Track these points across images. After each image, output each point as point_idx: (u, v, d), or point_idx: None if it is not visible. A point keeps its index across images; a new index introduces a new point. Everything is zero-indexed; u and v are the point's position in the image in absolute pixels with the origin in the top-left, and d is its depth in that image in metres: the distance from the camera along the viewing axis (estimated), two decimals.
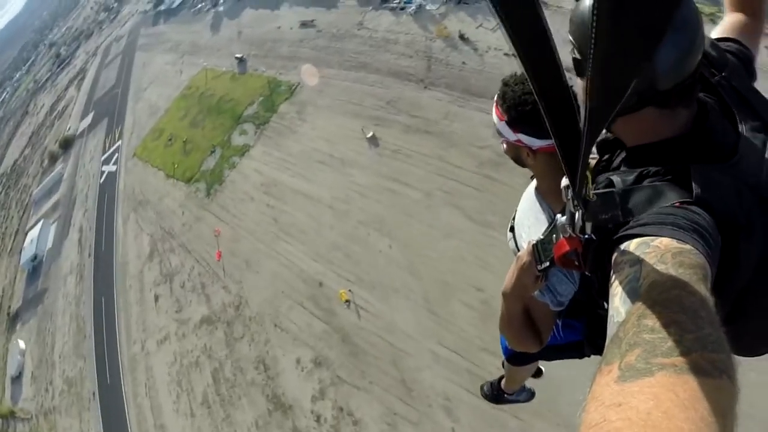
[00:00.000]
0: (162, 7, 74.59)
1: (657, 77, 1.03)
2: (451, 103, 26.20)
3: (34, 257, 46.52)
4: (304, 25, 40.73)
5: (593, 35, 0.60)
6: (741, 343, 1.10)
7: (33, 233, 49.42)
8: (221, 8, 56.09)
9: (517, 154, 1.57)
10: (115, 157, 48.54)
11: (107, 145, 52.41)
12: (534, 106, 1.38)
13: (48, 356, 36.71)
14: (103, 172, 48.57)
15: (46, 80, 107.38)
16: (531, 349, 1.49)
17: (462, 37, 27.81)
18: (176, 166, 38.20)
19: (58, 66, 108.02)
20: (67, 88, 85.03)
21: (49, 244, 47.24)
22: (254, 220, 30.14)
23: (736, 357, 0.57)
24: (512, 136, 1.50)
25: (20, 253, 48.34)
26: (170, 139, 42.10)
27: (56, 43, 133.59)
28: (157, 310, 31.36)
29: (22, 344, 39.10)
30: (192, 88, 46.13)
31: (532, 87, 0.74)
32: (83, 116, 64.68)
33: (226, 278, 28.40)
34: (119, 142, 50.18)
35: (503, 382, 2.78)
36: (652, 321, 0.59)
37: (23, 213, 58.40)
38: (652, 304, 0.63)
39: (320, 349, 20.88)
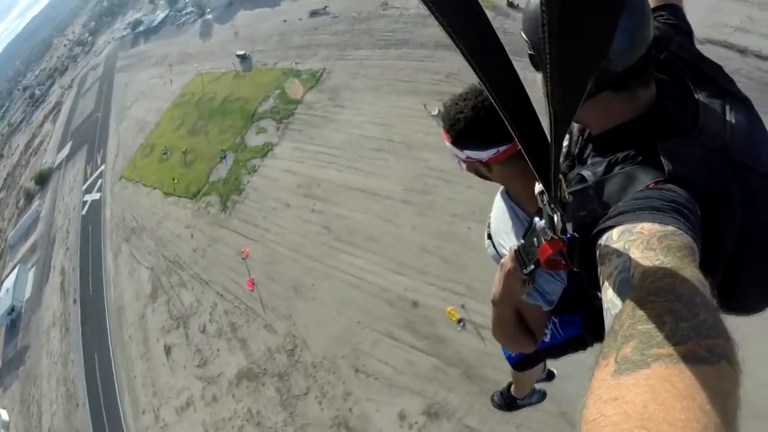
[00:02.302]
0: (141, 28, 72.80)
1: (609, 62, 1.01)
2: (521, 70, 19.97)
3: (11, 309, 40.12)
4: (314, 14, 37.81)
5: (545, 37, 0.57)
6: (739, 304, 1.10)
7: (8, 282, 42.95)
8: (209, 16, 53.56)
9: (474, 169, 1.52)
10: (98, 184, 42.00)
11: (88, 172, 45.91)
12: (467, 122, 1.39)
13: (35, 431, 29.22)
14: (85, 203, 41.79)
15: (21, 121, 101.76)
16: (527, 350, 1.54)
17: (511, 4, 25.17)
18: (176, 181, 31.49)
19: (33, 105, 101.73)
20: (42, 125, 79.40)
21: (28, 293, 40.73)
22: (296, 231, 23.20)
23: (736, 340, 0.55)
24: (462, 155, 1.48)
25: None
26: (165, 153, 35.63)
27: (30, 86, 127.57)
28: (171, 365, 23.73)
29: (4, 415, 32.61)
30: (186, 96, 40.63)
31: (488, 93, 0.73)
32: (60, 148, 58.87)
33: (267, 314, 21.32)
34: (102, 167, 43.76)
35: (512, 388, 2.72)
36: (646, 311, 0.58)
37: None
38: (645, 295, 0.62)
39: (433, 394, 15.02)
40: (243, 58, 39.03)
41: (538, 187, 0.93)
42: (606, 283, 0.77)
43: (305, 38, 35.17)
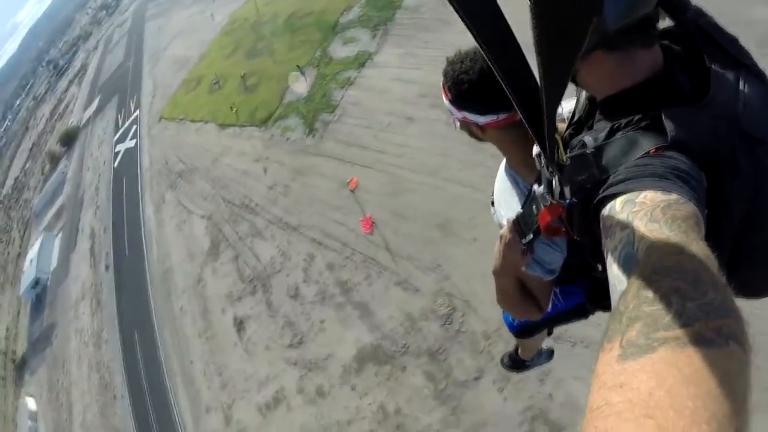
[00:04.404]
0: None
1: (603, 20, 0.92)
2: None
3: (35, 282, 34.54)
4: None
5: None
6: (747, 285, 1.08)
7: (32, 252, 37.15)
8: None
9: (468, 129, 1.50)
10: (133, 130, 35.34)
11: (120, 121, 39.62)
12: (471, 84, 1.36)
13: (65, 425, 23.03)
14: (117, 154, 35.41)
15: (45, 92, 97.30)
16: (534, 318, 1.53)
17: None
18: (235, 109, 24.44)
19: (57, 75, 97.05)
20: (67, 90, 74.53)
21: (54, 263, 34.62)
22: (429, 150, 16.18)
23: (745, 317, 0.53)
24: (458, 114, 1.45)
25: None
26: (216, 83, 29.07)
27: (53, 59, 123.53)
28: (246, 346, 16.68)
29: (32, 404, 26.96)
30: (237, 22, 34.63)
31: (483, 53, 0.73)
32: (87, 106, 53.29)
33: (399, 264, 14.42)
34: (136, 113, 37.45)
35: (519, 351, 2.73)
36: (651, 292, 0.56)
37: (24, 231, 47.11)
38: (651, 273, 0.60)
39: None
40: None
41: (536, 149, 0.92)
42: (610, 258, 0.74)
43: None
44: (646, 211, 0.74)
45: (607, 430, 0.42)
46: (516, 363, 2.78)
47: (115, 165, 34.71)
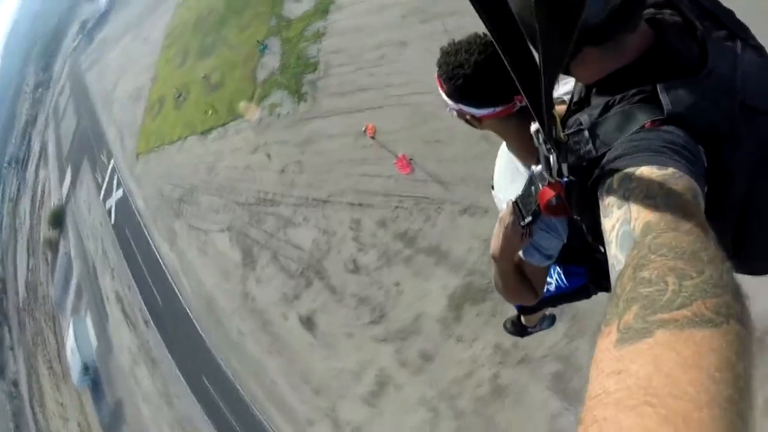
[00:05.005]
0: (90, 25, 64.14)
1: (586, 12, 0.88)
2: None
3: (85, 368, 33.35)
4: None
5: None
6: (750, 262, 1.08)
7: (69, 341, 36.06)
8: None
9: (465, 119, 1.47)
10: (115, 181, 33.27)
11: (100, 179, 38.34)
12: (466, 79, 1.33)
13: None
14: (110, 210, 33.81)
15: (18, 189, 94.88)
16: (528, 303, 1.52)
17: None
18: (211, 112, 21.96)
19: (22, 168, 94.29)
20: (37, 176, 71.83)
21: (94, 342, 33.44)
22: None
23: (745, 292, 0.52)
24: (454, 106, 1.42)
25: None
26: (179, 96, 26.60)
27: (13, 156, 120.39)
28: (324, 340, 15.25)
29: None
30: (175, 31, 33.34)
31: (488, 30, 0.76)
32: (61, 180, 51.44)
33: (453, 192, 12.96)
34: (111, 163, 35.52)
35: (522, 318, 2.60)
36: (648, 272, 0.55)
37: (54, 326, 45.39)
38: (647, 252, 0.59)
39: None
40: None
41: (534, 126, 0.93)
42: (609, 237, 0.75)
43: None
44: (642, 186, 0.73)
45: (606, 419, 0.41)
46: (518, 329, 2.65)
47: (113, 221, 32.92)
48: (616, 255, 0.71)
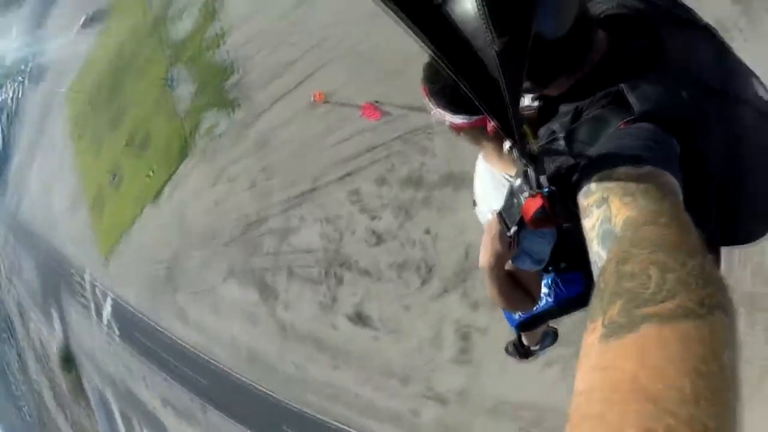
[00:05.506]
0: None
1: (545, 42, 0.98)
2: None
3: None
4: None
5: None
6: (734, 234, 1.12)
7: None
8: None
9: (442, 124, 1.55)
10: (99, 293, 32.03)
11: (84, 300, 35.92)
12: (445, 83, 1.32)
13: None
14: (110, 324, 31.76)
15: (20, 356, 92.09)
16: (527, 309, 1.56)
17: None
18: (153, 171, 20.49)
19: (12, 336, 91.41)
20: (28, 333, 69.00)
21: None
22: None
23: (727, 281, 0.53)
24: (434, 110, 1.47)
25: None
26: (113, 177, 24.65)
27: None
28: (384, 327, 13.77)
29: None
30: (76, 120, 30.97)
31: (440, 63, 0.77)
32: (51, 323, 48.67)
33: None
34: (87, 278, 34.23)
35: (524, 338, 2.49)
36: (630, 266, 0.55)
37: None
38: (628, 247, 0.60)
39: None
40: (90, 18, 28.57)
41: (507, 143, 0.94)
42: (590, 236, 0.76)
43: None
44: (620, 186, 0.74)
45: (593, 415, 0.41)
46: (521, 350, 2.51)
47: (117, 333, 31.14)
48: (598, 252, 0.70)
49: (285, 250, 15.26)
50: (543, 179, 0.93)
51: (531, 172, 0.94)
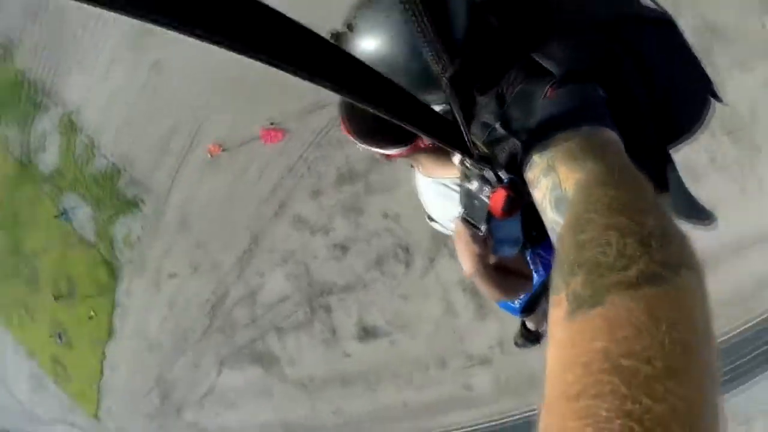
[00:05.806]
0: None
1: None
2: None
3: None
4: None
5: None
6: (677, 130, 1.13)
7: None
8: None
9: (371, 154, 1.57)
10: None
11: None
12: (369, 123, 1.30)
13: None
14: None
15: None
16: (528, 289, 1.52)
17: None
18: (92, 312, 18.95)
19: None
20: None
21: None
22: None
23: (689, 235, 0.51)
24: (360, 145, 1.43)
25: None
26: (59, 336, 23.17)
27: None
28: (398, 323, 13.47)
29: None
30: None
31: (369, 108, 0.72)
32: None
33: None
34: None
35: (528, 324, 2.78)
36: (588, 233, 0.52)
37: None
38: (583, 212, 0.57)
39: None
40: None
41: (456, 158, 0.95)
42: (542, 206, 0.75)
43: None
44: (563, 150, 0.73)
45: (568, 396, 0.39)
46: (530, 336, 2.69)
47: None
48: (554, 219, 0.69)
49: (260, 313, 14.25)
50: (502, 172, 0.90)
51: (488, 173, 0.91)
